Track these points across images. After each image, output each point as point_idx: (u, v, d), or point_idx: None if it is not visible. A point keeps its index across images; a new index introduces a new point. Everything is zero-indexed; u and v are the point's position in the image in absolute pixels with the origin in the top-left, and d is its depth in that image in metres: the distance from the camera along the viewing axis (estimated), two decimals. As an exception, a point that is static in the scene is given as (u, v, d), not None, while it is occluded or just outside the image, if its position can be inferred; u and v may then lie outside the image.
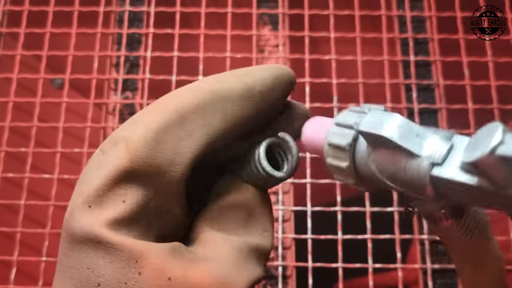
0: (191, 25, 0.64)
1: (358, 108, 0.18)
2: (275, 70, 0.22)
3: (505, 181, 0.13)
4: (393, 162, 0.16)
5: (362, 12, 0.62)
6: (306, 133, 0.20)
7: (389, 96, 0.59)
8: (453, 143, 0.15)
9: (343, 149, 0.18)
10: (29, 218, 0.55)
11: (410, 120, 0.16)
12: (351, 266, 0.52)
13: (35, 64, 0.62)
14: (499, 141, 0.13)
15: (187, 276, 0.17)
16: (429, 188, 0.15)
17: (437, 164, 0.15)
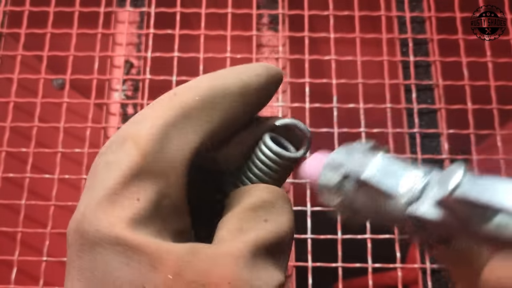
0: (191, 26, 0.64)
1: (348, 147, 0.20)
2: (268, 69, 0.22)
3: (467, 219, 0.14)
4: (374, 201, 0.18)
5: (361, 12, 0.62)
6: (304, 170, 0.21)
7: (388, 96, 0.59)
8: (429, 179, 0.16)
9: (332, 188, 0.19)
10: (30, 218, 0.55)
11: (392, 158, 0.18)
12: (351, 265, 0.52)
13: (35, 65, 0.62)
14: (457, 183, 0.14)
15: (207, 277, 0.17)
16: (408, 224, 0.16)
17: (412, 203, 0.16)
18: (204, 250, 0.18)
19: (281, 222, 0.20)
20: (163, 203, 0.18)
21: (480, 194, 0.14)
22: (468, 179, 0.14)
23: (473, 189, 0.14)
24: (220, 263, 0.17)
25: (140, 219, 0.18)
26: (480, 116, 0.58)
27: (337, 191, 0.19)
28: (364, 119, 0.57)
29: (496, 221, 0.14)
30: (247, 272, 0.18)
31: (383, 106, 0.58)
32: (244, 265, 0.18)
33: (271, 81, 0.22)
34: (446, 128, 0.58)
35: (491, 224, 0.14)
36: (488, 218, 0.14)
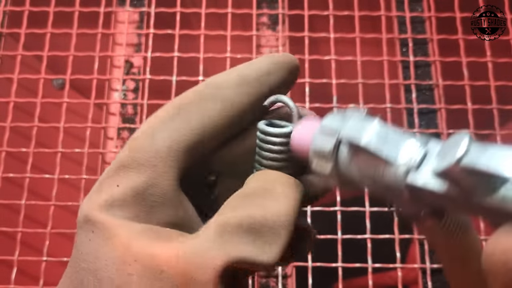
0: (191, 26, 0.64)
1: (342, 113, 0.19)
2: (273, 57, 0.22)
3: (471, 189, 0.14)
4: (371, 168, 0.17)
5: (361, 12, 0.62)
6: (294, 138, 0.20)
7: (388, 96, 0.59)
8: (428, 149, 0.16)
9: (326, 154, 0.18)
10: (30, 218, 0.55)
11: (388, 125, 0.17)
12: (351, 265, 0.52)
13: (35, 65, 0.62)
14: (464, 152, 0.14)
15: (154, 255, 0.17)
16: (405, 193, 0.16)
17: (412, 171, 0.15)
18: (160, 229, 0.19)
19: (270, 206, 0.19)
20: (149, 191, 0.19)
21: (488, 163, 0.13)
22: (475, 148, 0.14)
23: (480, 158, 0.13)
24: (171, 246, 0.18)
25: (115, 202, 0.19)
26: (480, 116, 0.58)
27: (330, 157, 0.18)
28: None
29: (502, 192, 0.13)
30: (201, 250, 0.18)
31: (383, 106, 0.58)
32: (200, 244, 0.18)
33: (274, 67, 0.22)
34: (446, 128, 0.58)
35: (497, 195, 0.13)
36: (493, 189, 0.13)
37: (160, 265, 0.17)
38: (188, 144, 0.20)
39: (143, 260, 0.17)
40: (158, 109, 0.23)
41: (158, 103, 0.58)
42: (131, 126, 0.59)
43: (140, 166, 0.19)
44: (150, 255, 0.17)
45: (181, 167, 0.20)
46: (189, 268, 0.17)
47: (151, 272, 0.17)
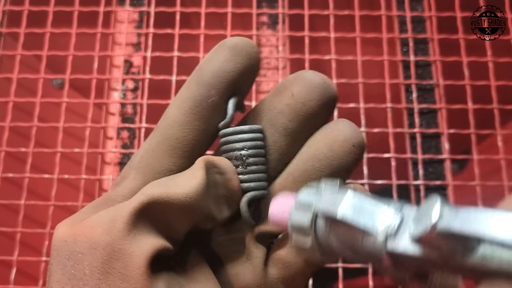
0: (191, 25, 0.64)
1: (315, 187, 0.20)
2: (220, 42, 0.23)
3: (450, 252, 0.14)
4: (350, 239, 0.17)
5: (362, 12, 0.62)
6: (272, 212, 0.21)
7: (389, 96, 0.59)
8: (403, 214, 0.16)
9: (304, 229, 0.19)
10: (29, 218, 0.55)
11: (363, 194, 0.17)
12: (351, 266, 0.52)
13: (35, 64, 0.62)
14: (438, 216, 0.14)
15: (65, 230, 0.21)
16: (386, 261, 0.16)
17: (390, 238, 0.16)
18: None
19: (175, 184, 0.21)
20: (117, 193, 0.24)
21: (462, 226, 0.13)
22: (448, 211, 0.14)
23: (455, 221, 0.14)
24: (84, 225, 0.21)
25: (89, 205, 0.24)
26: (480, 116, 0.58)
27: (309, 232, 0.19)
28: (364, 119, 0.57)
29: (481, 252, 0.14)
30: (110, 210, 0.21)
31: (384, 106, 0.58)
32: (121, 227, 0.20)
33: (218, 49, 0.23)
34: (446, 128, 0.58)
35: (476, 256, 0.14)
36: (472, 250, 0.14)
37: (65, 234, 0.20)
38: (156, 150, 0.23)
39: (58, 236, 0.20)
40: (157, 109, 0.25)
41: (158, 103, 0.58)
42: (131, 126, 0.59)
43: (122, 178, 0.24)
44: (62, 231, 0.20)
45: (154, 169, 0.23)
46: (87, 227, 0.20)
47: (60, 240, 0.20)
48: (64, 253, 0.20)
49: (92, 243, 0.20)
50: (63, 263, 0.20)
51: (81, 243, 0.20)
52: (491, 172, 0.57)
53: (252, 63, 0.23)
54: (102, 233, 0.20)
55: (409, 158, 0.57)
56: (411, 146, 0.58)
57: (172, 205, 0.20)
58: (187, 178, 0.21)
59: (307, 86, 0.23)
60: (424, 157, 0.57)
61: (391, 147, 0.56)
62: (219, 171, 0.22)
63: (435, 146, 0.59)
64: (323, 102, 0.23)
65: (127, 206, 0.20)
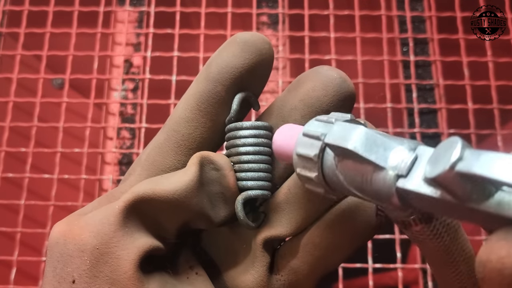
0: (191, 25, 0.64)
1: (325, 118, 0.18)
2: (230, 37, 0.23)
3: (466, 195, 0.13)
4: (359, 173, 0.16)
5: (362, 12, 0.62)
6: (276, 141, 0.20)
7: (389, 96, 0.59)
8: (417, 154, 0.15)
9: (311, 160, 0.18)
10: (29, 218, 0.55)
11: (375, 131, 0.16)
12: (351, 266, 0.52)
13: (35, 64, 0.62)
14: (458, 157, 0.13)
15: (60, 230, 0.20)
16: (395, 199, 0.15)
17: (402, 176, 0.15)
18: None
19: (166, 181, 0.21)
20: (120, 190, 0.24)
21: (483, 168, 0.13)
22: (469, 153, 0.13)
23: (475, 163, 0.13)
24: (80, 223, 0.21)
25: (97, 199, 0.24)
26: (480, 116, 0.58)
27: (316, 163, 0.17)
28: (364, 118, 0.57)
29: (498, 197, 0.13)
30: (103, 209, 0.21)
31: (384, 106, 0.58)
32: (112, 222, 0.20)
33: (227, 44, 0.23)
34: (446, 128, 0.58)
35: (492, 200, 0.13)
36: (489, 194, 0.13)
37: (59, 234, 0.20)
38: (163, 147, 0.22)
39: (52, 236, 0.20)
40: (157, 109, 0.25)
41: (158, 103, 0.58)
42: (131, 125, 0.59)
43: (129, 175, 0.23)
44: (57, 231, 0.20)
45: (158, 166, 0.23)
46: (77, 228, 0.20)
47: (52, 241, 0.20)
48: (55, 255, 0.20)
49: (80, 246, 0.19)
50: (54, 265, 0.20)
51: (70, 245, 0.20)
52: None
53: (264, 59, 0.22)
54: (90, 236, 0.19)
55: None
56: (411, 146, 0.58)
57: (159, 202, 0.20)
58: (179, 174, 0.21)
59: (322, 81, 0.22)
60: (424, 157, 0.57)
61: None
62: (215, 167, 0.21)
63: (435, 146, 0.59)
64: (339, 98, 0.22)
65: (114, 206, 0.20)
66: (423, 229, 0.17)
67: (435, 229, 0.17)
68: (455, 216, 0.16)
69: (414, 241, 0.18)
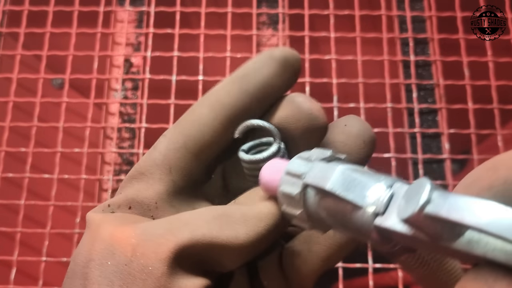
0: (191, 25, 0.64)
1: (307, 155, 0.19)
2: (267, 52, 0.22)
3: (436, 234, 0.14)
4: (340, 211, 0.17)
5: (362, 12, 0.62)
6: (263, 178, 0.20)
7: (389, 96, 0.59)
8: (393, 191, 0.16)
9: (294, 198, 0.18)
10: (29, 218, 0.55)
11: (352, 168, 0.17)
12: (351, 266, 0.52)
13: (35, 64, 0.62)
14: (426, 200, 0.14)
15: (113, 235, 0.19)
16: (374, 235, 0.16)
17: (379, 214, 0.16)
18: (133, 217, 0.21)
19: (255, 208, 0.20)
20: (143, 195, 0.21)
21: (450, 211, 0.13)
22: (437, 195, 0.14)
23: (442, 205, 0.13)
24: (132, 227, 0.19)
25: (111, 205, 0.22)
26: (481, 116, 0.58)
27: (299, 201, 0.18)
28: (364, 118, 0.57)
29: (467, 237, 0.14)
30: (156, 232, 0.19)
31: (384, 105, 0.58)
32: (157, 226, 0.19)
33: (263, 60, 0.21)
34: (447, 128, 0.58)
35: (462, 240, 0.14)
36: (458, 234, 0.14)
37: (114, 243, 0.19)
38: (182, 150, 0.21)
39: (103, 240, 0.19)
40: (157, 108, 0.24)
41: (158, 103, 0.58)
42: (131, 125, 0.59)
43: (141, 175, 0.21)
44: (108, 235, 0.19)
45: (181, 172, 0.21)
46: (139, 244, 0.18)
47: (107, 250, 0.19)
48: (111, 268, 0.18)
49: (145, 268, 0.18)
50: (111, 279, 0.18)
51: (134, 264, 0.18)
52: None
53: (296, 78, 0.22)
54: (156, 260, 0.18)
55: (409, 158, 0.57)
56: (411, 146, 0.58)
57: (232, 251, 0.19)
58: (255, 219, 0.19)
59: (294, 113, 0.22)
60: (424, 157, 0.57)
61: (391, 147, 0.56)
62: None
63: (435, 146, 0.59)
64: (310, 131, 0.22)
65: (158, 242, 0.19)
66: (409, 259, 0.18)
67: (420, 257, 0.18)
68: (431, 252, 0.17)
69: (405, 269, 0.19)
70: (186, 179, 0.21)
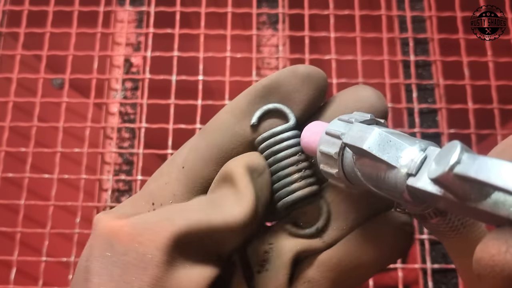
0: (191, 25, 0.64)
1: (346, 117, 0.20)
2: (291, 67, 0.23)
3: (464, 194, 0.14)
4: (374, 171, 0.18)
5: (362, 12, 0.62)
6: (304, 138, 0.22)
7: (389, 96, 0.59)
8: (427, 154, 0.17)
9: (332, 157, 0.19)
10: (29, 218, 0.55)
11: (390, 131, 0.18)
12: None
13: (35, 64, 0.62)
14: (456, 160, 0.14)
15: (110, 227, 0.20)
16: (406, 195, 0.17)
17: (411, 175, 0.16)
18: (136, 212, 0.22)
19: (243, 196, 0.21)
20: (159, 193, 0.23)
21: (478, 172, 0.14)
22: (467, 157, 0.14)
23: (471, 166, 0.14)
24: (127, 220, 0.20)
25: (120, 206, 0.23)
26: (481, 115, 0.58)
27: (336, 161, 0.19)
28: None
29: (494, 198, 0.14)
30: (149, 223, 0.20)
31: (384, 105, 0.58)
32: (150, 219, 0.20)
33: (285, 74, 0.22)
34: (447, 128, 0.58)
35: (489, 201, 0.14)
36: (485, 195, 0.14)
37: (111, 234, 0.20)
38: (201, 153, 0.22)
39: (101, 232, 0.20)
40: (157, 108, 0.24)
41: (158, 103, 0.58)
42: (131, 125, 0.59)
43: (162, 175, 0.23)
44: (106, 228, 0.20)
45: (197, 174, 0.22)
46: (136, 233, 0.19)
47: (105, 241, 0.20)
48: (111, 259, 0.19)
49: (143, 256, 0.19)
50: (111, 269, 0.19)
51: (132, 253, 0.19)
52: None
53: (320, 95, 0.23)
54: (154, 248, 0.19)
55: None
56: (411, 146, 0.58)
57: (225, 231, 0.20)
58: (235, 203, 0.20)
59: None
60: (424, 157, 0.57)
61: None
62: (259, 172, 0.22)
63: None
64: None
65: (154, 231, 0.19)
66: (439, 222, 0.18)
67: (450, 222, 0.18)
68: (458, 213, 0.17)
69: (434, 233, 0.19)
70: (203, 182, 0.22)
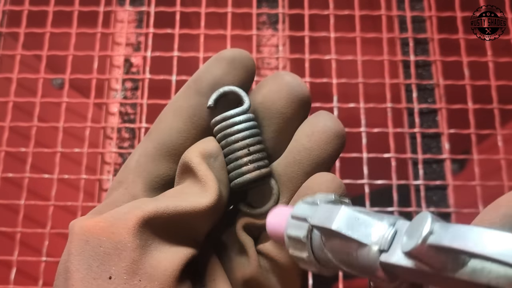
0: (191, 25, 0.64)
1: (311, 199, 0.20)
2: (217, 54, 0.25)
3: (440, 265, 0.14)
4: (345, 251, 0.18)
5: (362, 12, 0.62)
6: (269, 223, 0.21)
7: (389, 96, 0.59)
8: (396, 228, 0.16)
9: (301, 240, 0.19)
10: (29, 218, 0.55)
11: (356, 209, 0.18)
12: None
13: (35, 64, 0.62)
14: (429, 230, 0.14)
15: (84, 226, 0.21)
16: (380, 273, 0.17)
17: (384, 251, 0.16)
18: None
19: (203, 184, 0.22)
20: (122, 199, 0.24)
21: (452, 240, 0.14)
22: (439, 226, 0.14)
23: (445, 235, 0.14)
24: (100, 217, 0.21)
25: (94, 211, 0.24)
26: (481, 115, 0.58)
27: (305, 244, 0.19)
28: (364, 118, 0.57)
29: (471, 266, 0.14)
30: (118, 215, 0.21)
31: (384, 105, 0.58)
32: (119, 211, 0.21)
33: (213, 61, 0.25)
34: (447, 128, 0.58)
35: (466, 269, 0.14)
36: (462, 264, 0.14)
37: (86, 232, 0.20)
38: (154, 155, 0.23)
39: (77, 233, 0.21)
40: (157, 109, 0.25)
41: (158, 103, 0.58)
42: (131, 125, 0.59)
43: (118, 183, 0.24)
44: (81, 227, 0.21)
45: (152, 173, 0.23)
46: (109, 225, 0.20)
47: (81, 239, 0.20)
48: (88, 253, 0.20)
49: (117, 244, 0.20)
50: (89, 263, 0.20)
51: (107, 243, 0.20)
52: (491, 172, 0.57)
53: (249, 75, 0.24)
54: (128, 234, 0.20)
55: (409, 158, 0.57)
56: (411, 146, 0.58)
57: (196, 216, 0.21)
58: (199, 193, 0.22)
59: (277, 85, 0.24)
60: (424, 157, 0.57)
61: (391, 147, 0.56)
62: (214, 157, 0.23)
63: (435, 146, 0.59)
64: (292, 100, 0.23)
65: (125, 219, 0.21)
66: None
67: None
68: (435, 284, 0.17)
69: None
70: (160, 180, 0.23)
